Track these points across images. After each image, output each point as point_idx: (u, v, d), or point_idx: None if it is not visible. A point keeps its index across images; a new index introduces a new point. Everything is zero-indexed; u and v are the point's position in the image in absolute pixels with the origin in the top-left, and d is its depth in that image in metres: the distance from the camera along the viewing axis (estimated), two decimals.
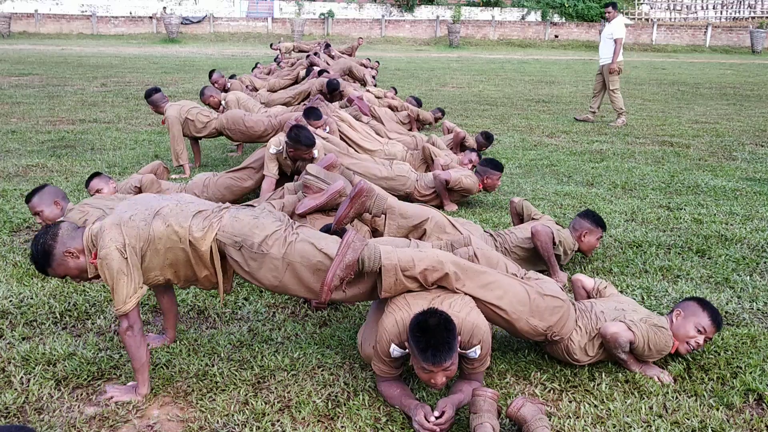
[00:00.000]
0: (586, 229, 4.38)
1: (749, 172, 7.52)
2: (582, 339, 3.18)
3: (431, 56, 27.42)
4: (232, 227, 2.98)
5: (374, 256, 2.89)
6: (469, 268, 3.02)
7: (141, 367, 2.94)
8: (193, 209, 3.01)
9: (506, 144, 9.03)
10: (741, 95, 15.36)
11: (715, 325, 3.22)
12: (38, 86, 14.22)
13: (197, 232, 2.93)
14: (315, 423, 2.81)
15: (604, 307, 3.32)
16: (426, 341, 2.60)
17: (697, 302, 3.29)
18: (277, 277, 2.99)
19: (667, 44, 33.95)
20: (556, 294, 3.15)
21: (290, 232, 3.04)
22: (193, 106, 7.04)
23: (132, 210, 2.92)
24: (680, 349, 3.24)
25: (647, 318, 3.22)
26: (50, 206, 4.46)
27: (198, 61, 22.05)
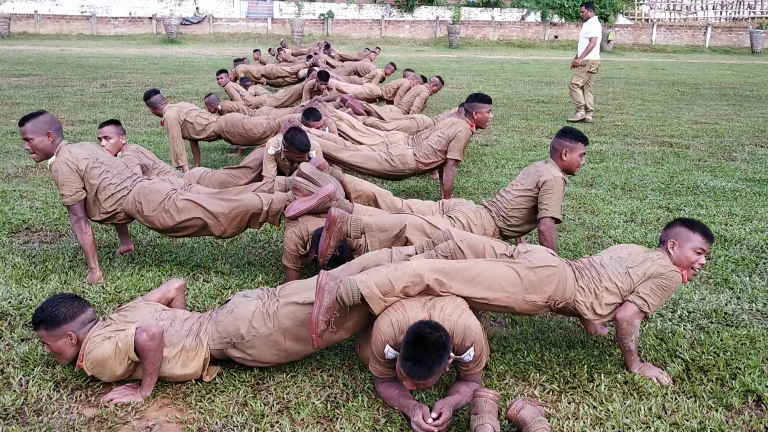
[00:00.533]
0: (566, 147, 4.10)
1: (749, 172, 7.52)
2: (587, 298, 3.17)
3: (431, 57, 27.43)
4: (217, 333, 3.11)
5: (351, 291, 2.91)
6: (451, 268, 3.02)
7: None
8: (187, 327, 3.14)
9: (506, 144, 9.03)
10: (741, 96, 15.36)
11: (710, 240, 3.23)
12: (38, 87, 14.22)
13: (191, 352, 3.06)
14: (314, 424, 2.81)
15: (602, 259, 3.29)
16: (413, 353, 2.63)
17: (684, 226, 3.26)
18: (281, 349, 3.08)
19: (667, 44, 33.95)
20: (547, 263, 3.13)
21: (271, 303, 3.14)
22: (192, 108, 7.04)
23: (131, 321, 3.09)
24: (687, 276, 3.22)
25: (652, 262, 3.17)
26: (41, 136, 4.08)
27: (197, 62, 22.06)
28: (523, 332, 3.67)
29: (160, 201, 4.19)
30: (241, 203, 4.21)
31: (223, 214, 4.17)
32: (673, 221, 3.35)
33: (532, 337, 3.62)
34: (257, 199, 4.23)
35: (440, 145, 5.75)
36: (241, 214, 4.19)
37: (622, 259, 3.24)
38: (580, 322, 3.81)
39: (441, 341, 2.64)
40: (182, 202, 4.18)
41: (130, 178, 4.29)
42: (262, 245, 5.01)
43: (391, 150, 5.86)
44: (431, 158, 5.79)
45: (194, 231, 4.25)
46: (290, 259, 4.12)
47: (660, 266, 3.16)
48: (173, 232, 4.28)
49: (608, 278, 3.18)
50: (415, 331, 2.66)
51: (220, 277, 4.37)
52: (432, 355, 2.63)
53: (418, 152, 5.82)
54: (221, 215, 4.17)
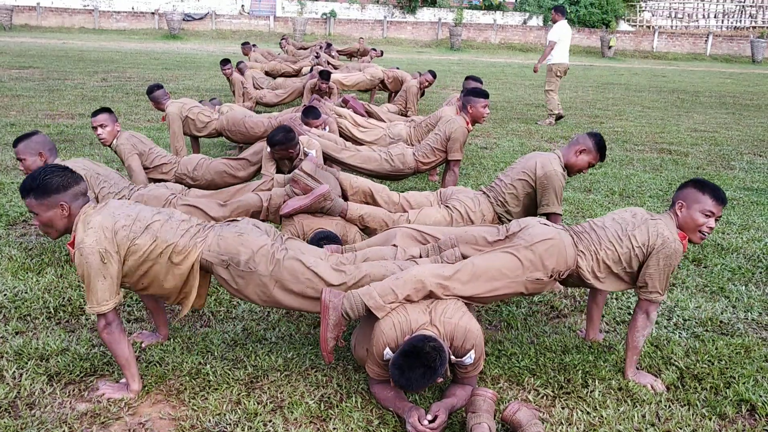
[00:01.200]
0: (587, 147, 4.10)
1: (747, 181, 7.53)
2: (588, 263, 3.15)
3: (432, 58, 27.43)
4: (218, 246, 3.02)
5: (356, 304, 2.91)
6: (451, 272, 3.01)
7: (126, 363, 2.93)
8: (183, 228, 3.02)
9: (505, 148, 9.03)
10: (740, 104, 15.38)
11: (720, 202, 3.08)
12: (38, 79, 14.20)
13: (181, 252, 2.95)
14: (307, 424, 2.81)
15: (603, 222, 3.26)
16: (403, 364, 2.63)
17: (694, 186, 3.13)
18: (265, 293, 3.03)
19: (668, 52, 33.99)
20: (543, 236, 3.11)
21: (278, 248, 3.08)
22: (194, 105, 7.04)
23: (125, 218, 2.90)
24: (694, 240, 3.13)
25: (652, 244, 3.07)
26: (34, 156, 4.19)
27: (199, 58, 22.04)
28: (518, 336, 3.67)
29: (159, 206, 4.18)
30: (240, 204, 4.22)
31: (224, 217, 4.17)
32: (685, 182, 3.22)
33: (527, 342, 3.62)
34: (256, 197, 4.24)
35: (438, 143, 5.75)
36: (241, 214, 4.19)
37: (625, 221, 3.19)
38: (575, 327, 3.81)
39: (431, 365, 2.62)
40: (182, 207, 4.18)
41: (127, 188, 4.36)
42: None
43: (390, 150, 5.85)
44: (430, 157, 5.79)
45: None
46: None
47: (664, 229, 3.07)
48: None
49: (607, 240, 3.15)
50: (412, 344, 2.65)
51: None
52: (419, 377, 2.62)
53: (417, 152, 5.82)
54: (222, 219, 4.17)
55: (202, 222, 3.15)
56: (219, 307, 3.90)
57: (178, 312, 3.80)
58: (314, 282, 3.01)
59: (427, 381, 2.64)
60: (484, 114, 5.69)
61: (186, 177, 5.55)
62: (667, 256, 3.04)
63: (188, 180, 5.57)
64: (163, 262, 2.94)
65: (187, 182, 5.55)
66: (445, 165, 5.88)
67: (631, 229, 3.13)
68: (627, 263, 3.12)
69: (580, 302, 4.17)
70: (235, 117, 6.85)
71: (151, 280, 2.98)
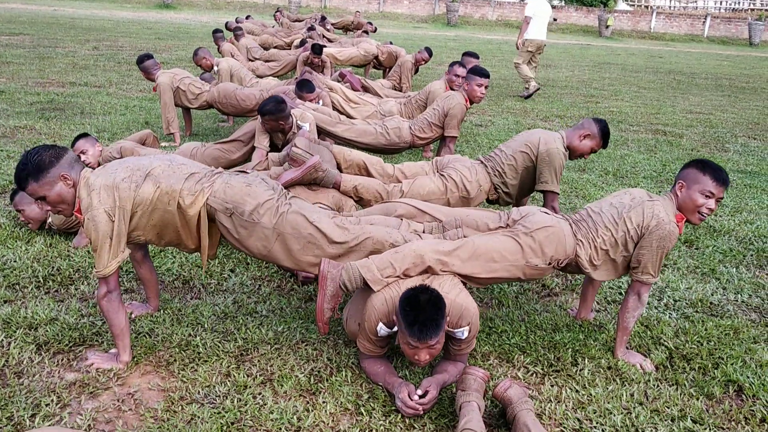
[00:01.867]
0: (591, 132, 4.12)
1: (740, 164, 7.53)
2: (587, 251, 3.15)
3: (428, 34, 27.20)
4: (224, 193, 2.96)
5: (354, 277, 2.89)
6: (451, 248, 2.99)
7: (120, 333, 2.91)
8: (186, 171, 2.97)
9: (500, 126, 8.99)
10: (736, 87, 15.35)
11: (721, 183, 3.03)
12: (29, 47, 14.00)
13: (187, 196, 2.90)
14: (297, 397, 2.80)
15: (599, 207, 3.24)
16: (414, 316, 2.59)
17: (695, 167, 3.09)
18: (266, 246, 3.00)
19: (666, 32, 33.83)
20: (543, 224, 3.10)
21: (283, 202, 3.04)
22: (185, 76, 6.95)
23: (123, 171, 2.86)
24: (693, 221, 3.10)
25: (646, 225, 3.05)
26: (31, 204, 4.22)
27: (192, 29, 21.77)
28: (509, 314, 3.68)
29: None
30: None
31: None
32: (688, 162, 3.18)
33: (518, 319, 3.62)
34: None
35: (435, 118, 5.71)
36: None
37: (622, 204, 3.17)
38: (566, 306, 3.82)
39: (434, 295, 2.63)
40: None
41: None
42: None
43: (386, 123, 5.81)
44: (427, 132, 5.76)
45: None
46: None
47: (654, 217, 3.04)
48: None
49: (604, 226, 3.14)
50: (407, 296, 2.64)
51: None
52: (432, 309, 2.59)
53: (414, 126, 5.78)
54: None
55: (208, 168, 3.10)
56: (210, 280, 3.88)
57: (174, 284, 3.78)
58: (316, 237, 2.98)
59: (443, 309, 2.61)
60: (478, 93, 5.64)
61: None
62: (661, 238, 3.03)
63: None
64: (172, 209, 2.89)
65: None
66: (440, 141, 5.85)
67: (627, 212, 3.12)
68: (623, 245, 3.11)
69: (571, 281, 4.17)
70: (226, 89, 6.78)
71: (164, 229, 2.95)
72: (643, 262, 3.07)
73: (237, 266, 4.08)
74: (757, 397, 2.95)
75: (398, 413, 2.72)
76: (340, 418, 2.70)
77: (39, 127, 7.16)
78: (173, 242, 3.06)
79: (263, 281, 3.93)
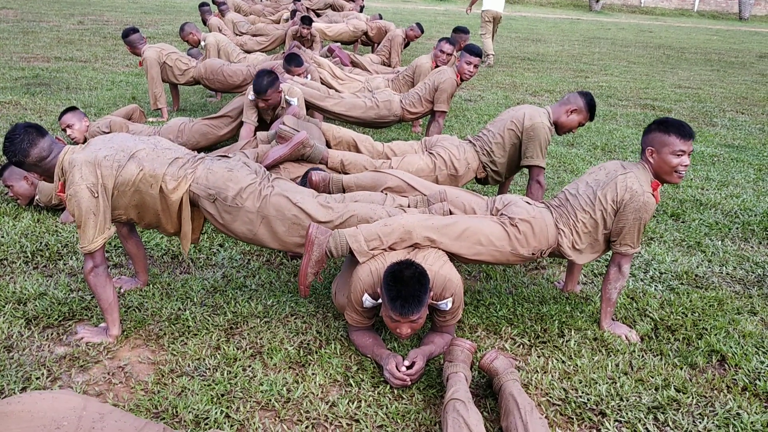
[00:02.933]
0: (578, 107, 4.10)
1: (728, 138, 7.57)
2: (568, 239, 3.18)
3: (418, 8, 26.98)
4: (206, 179, 2.97)
5: (341, 244, 2.91)
6: (440, 224, 3.01)
7: (108, 307, 2.92)
8: (170, 156, 2.96)
9: (489, 101, 8.98)
10: (725, 62, 15.36)
11: (687, 137, 3.00)
12: (12, 21, 13.79)
13: (170, 181, 2.90)
14: (286, 369, 2.83)
15: (576, 189, 3.24)
16: (397, 291, 2.61)
17: (659, 129, 3.06)
18: (251, 230, 3.00)
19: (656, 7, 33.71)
20: (528, 216, 3.12)
21: (265, 185, 3.04)
22: (172, 51, 6.87)
23: (107, 149, 2.85)
24: (672, 180, 3.09)
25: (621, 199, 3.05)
26: (19, 180, 4.26)
27: (179, 3, 21.48)
28: (496, 287, 3.71)
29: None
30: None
31: None
32: (649, 125, 3.14)
33: (505, 292, 3.66)
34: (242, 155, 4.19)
35: (426, 92, 5.69)
36: None
37: (597, 182, 3.17)
38: (553, 279, 3.85)
39: (418, 270, 2.65)
40: None
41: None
42: None
43: (376, 95, 5.79)
44: (417, 107, 5.74)
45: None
46: None
47: (627, 190, 3.04)
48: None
49: (581, 209, 3.16)
50: (391, 270, 2.67)
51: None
52: (415, 285, 2.62)
53: (405, 99, 5.76)
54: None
55: (191, 153, 3.10)
56: (199, 255, 3.89)
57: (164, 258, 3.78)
58: (300, 218, 2.98)
59: (426, 285, 2.64)
60: (467, 70, 5.57)
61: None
62: (636, 210, 3.03)
63: None
64: (154, 193, 2.90)
65: None
66: (430, 116, 5.84)
67: (602, 189, 3.12)
68: (602, 223, 3.13)
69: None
70: (213, 65, 6.71)
71: (144, 211, 2.95)
72: (622, 234, 3.10)
73: (226, 241, 4.08)
74: (739, 366, 3.00)
75: (387, 384, 2.76)
76: (330, 389, 2.73)
77: (24, 103, 7.08)
78: (152, 224, 3.06)
79: (252, 255, 3.94)
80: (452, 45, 6.75)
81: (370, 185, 3.67)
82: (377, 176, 3.67)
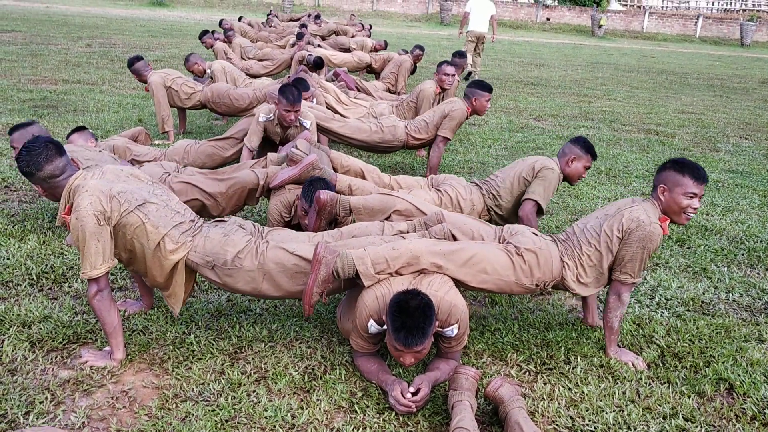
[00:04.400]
0: (575, 155, 4.14)
1: (732, 164, 7.57)
2: (572, 272, 3.18)
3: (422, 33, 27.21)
4: (203, 247, 3.02)
5: (347, 265, 2.89)
6: (447, 251, 3.01)
7: (113, 331, 2.92)
8: (177, 219, 3.01)
9: (493, 125, 9.01)
10: (728, 87, 15.43)
11: (701, 181, 3.03)
12: (21, 43, 13.93)
13: (170, 243, 2.94)
14: (291, 395, 2.81)
15: (585, 224, 3.26)
16: (402, 322, 2.61)
17: (674, 169, 3.08)
18: (255, 288, 3.03)
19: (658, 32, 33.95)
20: (533, 247, 3.12)
21: (260, 242, 3.08)
22: (178, 76, 6.92)
23: (121, 186, 2.88)
24: (679, 221, 3.10)
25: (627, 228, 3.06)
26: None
27: (186, 26, 21.71)
28: (502, 312, 3.69)
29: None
30: (237, 180, 4.19)
31: (221, 193, 4.14)
32: (664, 163, 3.17)
33: (511, 318, 3.64)
34: (253, 174, 4.21)
35: (434, 120, 5.72)
36: (238, 191, 4.17)
37: (606, 216, 3.19)
38: (559, 304, 3.84)
39: (424, 302, 2.64)
40: (178, 184, 4.14)
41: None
42: (244, 215, 4.97)
43: (381, 121, 5.82)
44: (422, 133, 5.77)
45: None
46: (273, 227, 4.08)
47: (633, 220, 3.05)
48: None
49: (587, 242, 3.17)
50: (397, 300, 2.66)
51: None
52: (420, 317, 2.61)
53: (410, 125, 5.79)
54: (219, 195, 4.14)
55: (194, 218, 3.14)
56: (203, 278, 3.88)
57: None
58: (301, 266, 3.00)
59: (432, 317, 2.63)
60: (487, 107, 5.67)
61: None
62: (641, 239, 3.03)
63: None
64: (150, 246, 2.91)
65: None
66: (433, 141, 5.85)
67: (608, 222, 3.15)
68: (608, 255, 3.14)
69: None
70: (219, 89, 6.76)
71: (134, 258, 2.97)
72: (624, 262, 3.10)
73: None
74: (747, 395, 2.98)
75: (392, 411, 2.74)
76: (335, 415, 2.71)
77: None
78: (141, 272, 3.08)
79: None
80: (454, 66, 6.81)
81: (378, 207, 3.67)
82: (386, 199, 3.67)
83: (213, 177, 4.25)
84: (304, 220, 3.86)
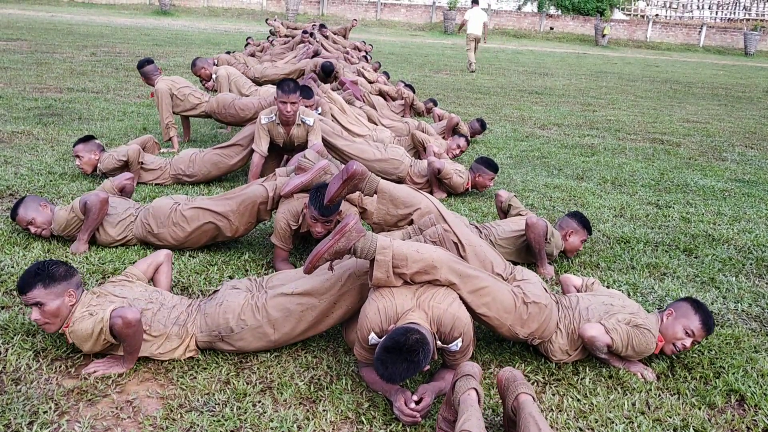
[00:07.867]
0: (572, 229, 4.37)
1: (738, 173, 7.54)
2: (562, 340, 3.16)
3: (426, 42, 27.28)
4: (206, 325, 3.07)
5: (368, 249, 2.84)
6: (465, 274, 2.96)
7: (135, 351, 2.96)
8: (173, 316, 3.08)
9: (498, 134, 9.00)
10: (732, 96, 15.41)
11: (706, 328, 3.17)
12: (26, 52, 13.98)
13: (175, 339, 3.03)
14: (296, 405, 2.78)
15: (590, 303, 3.28)
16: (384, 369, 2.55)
17: (691, 304, 3.23)
18: (270, 341, 3.08)
19: (662, 42, 34.00)
20: (539, 299, 3.11)
21: (259, 295, 3.11)
22: (185, 85, 6.90)
23: (119, 302, 3.01)
24: (665, 350, 3.21)
25: (634, 316, 3.17)
26: (37, 210, 4.23)
27: (190, 36, 21.79)
28: None
29: (166, 215, 4.20)
30: (246, 196, 4.19)
31: (232, 211, 4.14)
32: (686, 297, 3.34)
33: None
34: (262, 188, 4.21)
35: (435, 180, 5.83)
36: (249, 207, 4.17)
37: (614, 306, 3.25)
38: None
39: (416, 359, 2.54)
40: (189, 211, 4.19)
41: (132, 208, 4.39)
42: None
43: (388, 151, 5.85)
44: (422, 180, 5.90)
45: (207, 238, 4.25)
46: (280, 237, 4.06)
47: (644, 321, 3.16)
48: (187, 245, 4.27)
49: (588, 319, 3.18)
50: (385, 345, 2.57)
51: (206, 253, 4.32)
52: (401, 367, 2.53)
53: (414, 167, 5.87)
54: (230, 213, 4.14)
55: (190, 303, 3.20)
56: (208, 286, 3.86)
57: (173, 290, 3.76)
58: (305, 303, 3.04)
59: (410, 374, 2.57)
60: (489, 186, 5.86)
61: (182, 175, 5.61)
62: (637, 325, 3.11)
63: (185, 178, 5.61)
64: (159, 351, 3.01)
65: (184, 180, 5.58)
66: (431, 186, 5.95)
67: (617, 311, 3.20)
68: None
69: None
70: (224, 100, 6.74)
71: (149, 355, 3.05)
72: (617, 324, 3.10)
73: (235, 273, 4.06)
74: (759, 406, 2.94)
75: (398, 422, 2.71)
76: (341, 426, 2.68)
77: (36, 133, 7.14)
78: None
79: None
80: (468, 143, 7.09)
81: (402, 199, 3.71)
82: (414, 194, 3.72)
83: (222, 198, 4.27)
84: (314, 228, 3.83)
